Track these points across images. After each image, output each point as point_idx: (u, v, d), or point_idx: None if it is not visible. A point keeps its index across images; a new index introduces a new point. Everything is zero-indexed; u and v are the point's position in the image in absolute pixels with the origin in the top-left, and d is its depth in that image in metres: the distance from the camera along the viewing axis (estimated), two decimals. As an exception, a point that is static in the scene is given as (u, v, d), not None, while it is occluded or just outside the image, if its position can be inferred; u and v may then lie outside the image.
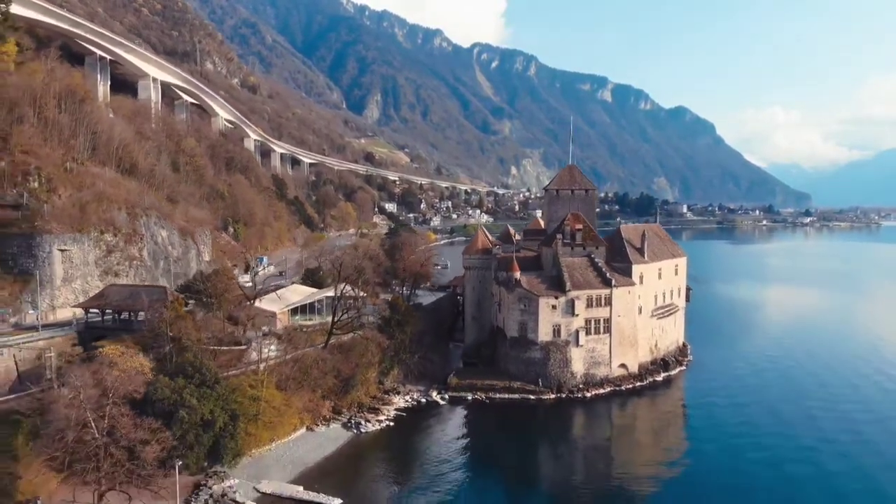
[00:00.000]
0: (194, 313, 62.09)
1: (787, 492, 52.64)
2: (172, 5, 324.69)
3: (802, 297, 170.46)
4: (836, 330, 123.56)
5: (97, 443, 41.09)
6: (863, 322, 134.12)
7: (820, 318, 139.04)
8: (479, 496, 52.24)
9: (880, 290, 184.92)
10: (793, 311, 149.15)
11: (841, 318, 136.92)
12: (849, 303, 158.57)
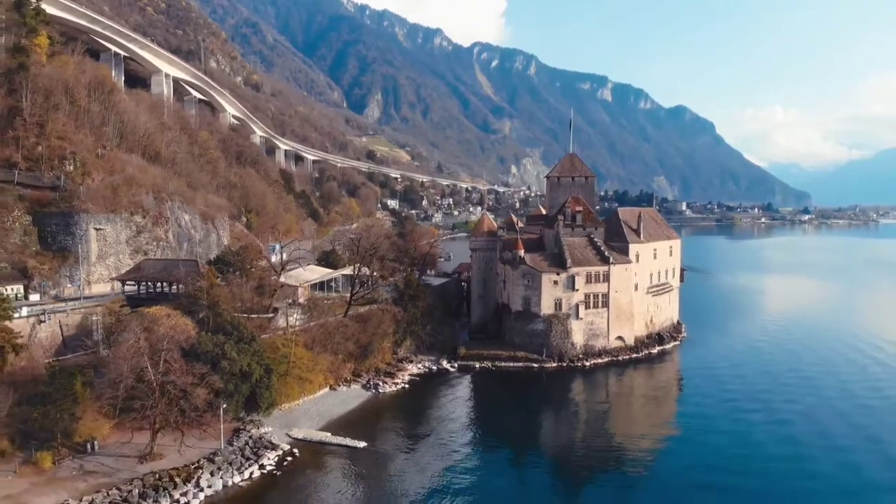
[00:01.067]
0: (229, 282, 67.47)
1: (775, 453, 54.37)
2: (177, 4, 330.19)
3: (794, 285, 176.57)
4: (824, 315, 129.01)
5: (154, 384, 46.48)
6: (850, 306, 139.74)
7: (810, 304, 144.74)
8: (485, 452, 56.04)
9: (869, 279, 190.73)
10: (784, 298, 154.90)
11: (829, 305, 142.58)
12: (838, 290, 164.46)
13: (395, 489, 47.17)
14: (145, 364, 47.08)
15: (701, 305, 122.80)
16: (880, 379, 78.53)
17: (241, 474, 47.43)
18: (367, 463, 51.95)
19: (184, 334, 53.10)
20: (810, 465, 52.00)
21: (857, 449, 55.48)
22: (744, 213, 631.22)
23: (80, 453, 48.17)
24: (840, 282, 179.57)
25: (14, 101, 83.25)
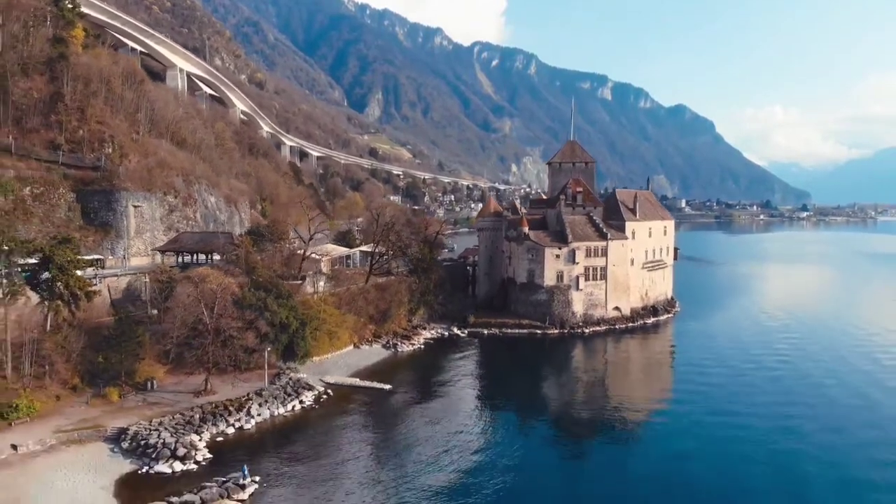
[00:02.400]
0: (261, 251, 74.27)
1: (764, 421, 55.39)
2: (181, 3, 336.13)
3: (785, 271, 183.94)
4: (811, 296, 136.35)
5: (210, 327, 53.31)
6: (835, 288, 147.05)
7: (798, 287, 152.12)
8: (492, 406, 60.81)
9: (855, 266, 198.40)
10: (775, 281, 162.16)
11: (817, 288, 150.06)
12: (826, 275, 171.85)
13: (414, 425, 53.39)
14: (201, 310, 53.89)
15: (695, 286, 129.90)
16: (857, 340, 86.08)
17: (285, 407, 54.32)
18: (391, 403, 58.80)
19: (230, 288, 59.76)
20: (796, 422, 54.68)
21: (837, 396, 61.45)
22: (742, 211, 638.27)
23: (141, 390, 54.97)
24: (828, 268, 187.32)
25: (56, 87, 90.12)
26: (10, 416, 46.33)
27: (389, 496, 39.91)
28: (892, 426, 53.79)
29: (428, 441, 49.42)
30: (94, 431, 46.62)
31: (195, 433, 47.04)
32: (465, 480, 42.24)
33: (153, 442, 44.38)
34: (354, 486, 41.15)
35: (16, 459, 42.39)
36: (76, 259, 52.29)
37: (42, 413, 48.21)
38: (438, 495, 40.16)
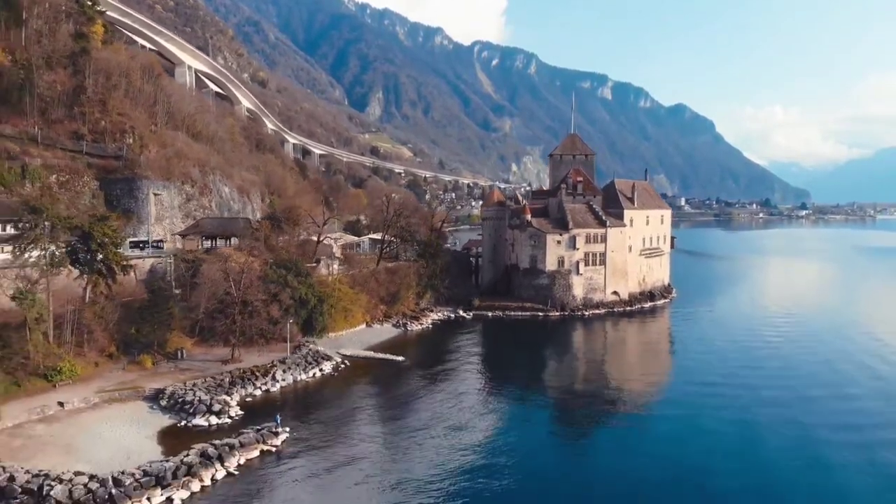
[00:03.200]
0: (280, 234, 78.32)
1: (756, 399, 56.59)
2: (184, 1, 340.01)
3: (780, 263, 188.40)
4: (803, 284, 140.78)
5: (237, 299, 57.33)
6: (828, 280, 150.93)
7: (792, 277, 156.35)
8: (496, 380, 63.80)
9: (847, 258, 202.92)
10: (769, 272, 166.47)
11: (808, 277, 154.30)
12: (818, 266, 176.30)
13: (424, 392, 57.21)
14: (229, 284, 57.91)
15: (692, 276, 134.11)
16: (843, 325, 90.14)
17: (307, 374, 58.39)
18: (403, 373, 62.83)
19: (253, 268, 63.76)
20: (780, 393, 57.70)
21: (821, 372, 65.19)
22: (742, 209, 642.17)
23: (172, 359, 58.97)
24: (820, 260, 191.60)
25: (78, 81, 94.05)
26: (55, 377, 50.32)
27: (401, 449, 43.72)
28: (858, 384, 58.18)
29: (436, 405, 53.29)
30: (133, 392, 50.66)
31: (226, 394, 51.06)
32: (467, 442, 45.07)
33: (189, 399, 48.43)
34: (371, 441, 45.04)
35: (63, 415, 46.37)
36: (113, 235, 56.20)
37: (83, 376, 52.23)
38: (442, 449, 43.86)
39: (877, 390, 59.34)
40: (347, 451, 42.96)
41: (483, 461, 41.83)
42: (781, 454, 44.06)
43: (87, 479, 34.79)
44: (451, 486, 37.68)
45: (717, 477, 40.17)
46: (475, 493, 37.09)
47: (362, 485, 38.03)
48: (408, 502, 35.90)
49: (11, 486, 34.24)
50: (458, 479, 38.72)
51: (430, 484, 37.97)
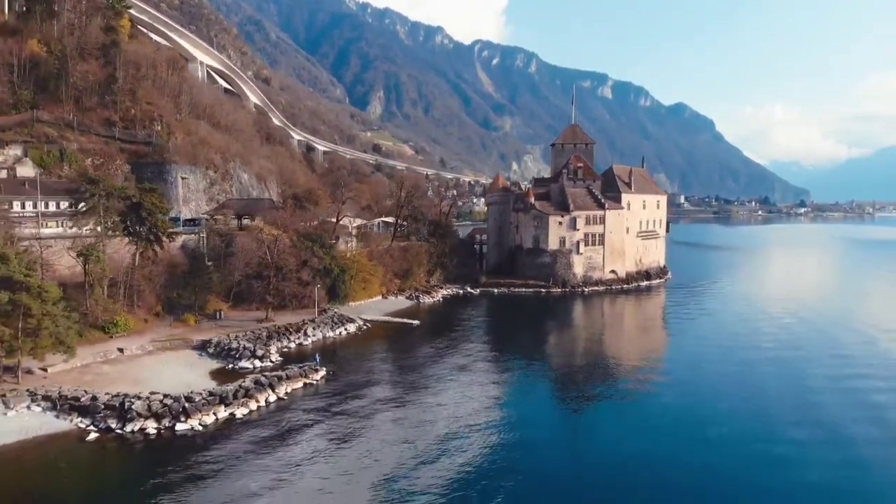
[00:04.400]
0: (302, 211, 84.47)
1: (748, 375, 56.37)
2: (189, 0, 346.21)
3: (773, 252, 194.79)
4: (792, 271, 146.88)
5: (271, 264, 63.46)
6: (815, 261, 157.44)
7: (782, 263, 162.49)
8: (500, 351, 67.02)
9: (836, 248, 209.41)
10: (761, 259, 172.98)
11: (798, 265, 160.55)
12: (808, 255, 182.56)
13: (437, 349, 63.05)
14: (264, 251, 64.07)
15: (688, 262, 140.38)
16: (819, 303, 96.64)
17: (334, 332, 64.64)
18: (418, 334, 69.03)
19: (282, 239, 69.93)
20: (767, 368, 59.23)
21: (807, 346, 69.26)
22: (741, 207, 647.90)
23: (212, 319, 65.09)
24: (812, 249, 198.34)
25: (109, 71, 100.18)
26: (111, 330, 56.44)
27: (416, 390, 49.45)
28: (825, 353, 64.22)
29: (447, 359, 59.17)
30: (182, 342, 56.84)
31: (265, 345, 57.18)
32: (474, 392, 49.32)
33: (234, 347, 54.60)
34: (391, 384, 50.93)
35: (124, 359, 52.50)
36: (160, 205, 62.27)
37: (135, 330, 58.35)
38: (454, 397, 49.29)
39: (862, 344, 66.31)
40: (372, 389, 49.02)
41: (485, 405, 47.08)
42: (771, 416, 44.56)
43: (161, 396, 41.01)
44: (459, 425, 41.49)
45: (707, 442, 39.84)
46: (478, 427, 41.61)
47: (384, 413, 43.79)
48: (418, 433, 40.29)
49: (95, 405, 40.33)
50: (466, 420, 42.54)
51: (438, 422, 42.28)
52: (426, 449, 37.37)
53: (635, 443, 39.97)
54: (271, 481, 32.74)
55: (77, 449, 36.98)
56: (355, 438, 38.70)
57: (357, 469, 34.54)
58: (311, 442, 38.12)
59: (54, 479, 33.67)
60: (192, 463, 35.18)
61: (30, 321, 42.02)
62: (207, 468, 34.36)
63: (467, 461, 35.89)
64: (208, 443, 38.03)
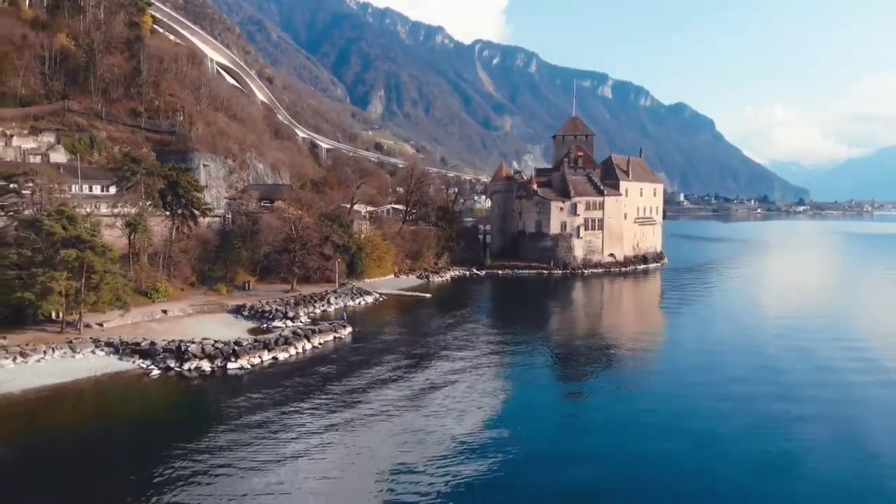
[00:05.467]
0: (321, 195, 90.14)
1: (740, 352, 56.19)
2: (193, 0, 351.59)
3: (767, 243, 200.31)
4: (783, 259, 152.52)
5: (296, 238, 69.01)
6: (804, 249, 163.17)
7: (774, 252, 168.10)
8: (504, 326, 69.80)
9: (827, 240, 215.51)
10: (755, 248, 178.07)
11: (790, 254, 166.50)
12: (802, 246, 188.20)
13: (447, 319, 68.15)
14: (289, 227, 69.61)
15: (684, 251, 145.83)
16: (799, 286, 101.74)
17: (354, 301, 70.26)
18: (429, 306, 74.44)
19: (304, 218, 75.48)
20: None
21: (796, 328, 74.22)
22: (740, 205, 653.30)
23: (241, 290, 70.61)
24: (807, 240, 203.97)
25: (134, 64, 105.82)
26: (153, 295, 61.92)
27: (427, 347, 54.74)
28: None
29: (455, 326, 64.33)
30: (218, 306, 62.38)
31: (293, 309, 62.70)
32: (478, 358, 54.09)
33: (267, 310, 60.17)
34: (407, 343, 56.24)
35: (168, 319, 57.97)
36: (195, 184, 67.78)
37: (174, 297, 63.85)
38: (459, 358, 55.05)
39: (843, 321, 71.23)
40: (390, 345, 54.59)
41: (490, 367, 52.40)
42: (760, 390, 44.37)
43: (213, 341, 46.56)
44: (463, 386, 45.12)
45: (697, 413, 39.54)
46: (483, 391, 43.91)
47: (400, 364, 48.87)
48: (427, 383, 44.59)
49: (154, 349, 45.84)
50: (471, 379, 46.91)
51: (445, 375, 46.70)
52: (431, 398, 40.88)
53: (628, 411, 39.68)
54: (306, 414, 37.39)
55: (142, 383, 42.46)
56: (375, 385, 43.24)
57: (376, 409, 38.48)
58: (339, 384, 43.21)
59: (127, 404, 39.27)
60: (242, 396, 40.61)
61: (93, 277, 47.49)
62: (255, 400, 39.66)
63: (467, 415, 38.03)
64: (255, 380, 43.54)
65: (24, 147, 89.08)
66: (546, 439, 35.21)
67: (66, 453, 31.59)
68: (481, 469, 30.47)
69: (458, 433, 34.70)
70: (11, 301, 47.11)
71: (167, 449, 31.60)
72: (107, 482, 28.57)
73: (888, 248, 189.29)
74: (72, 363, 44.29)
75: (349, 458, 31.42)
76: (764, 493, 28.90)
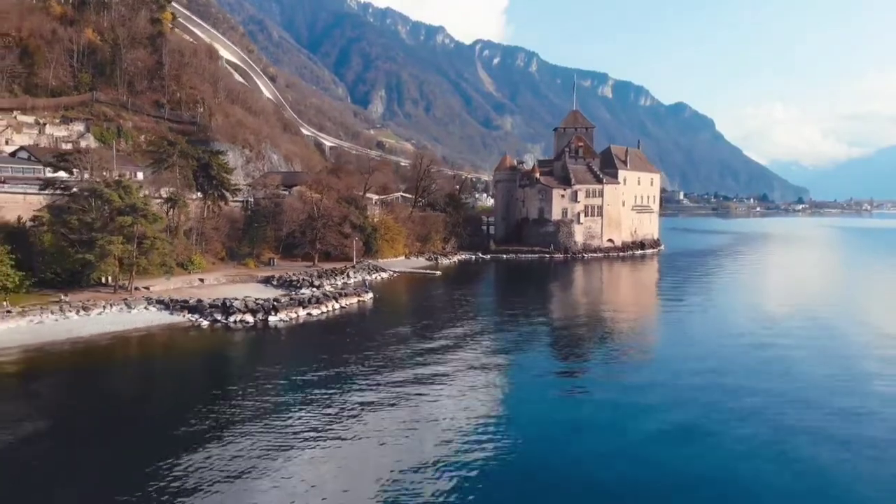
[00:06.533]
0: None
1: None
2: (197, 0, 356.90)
3: (764, 236, 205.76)
4: (775, 250, 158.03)
5: (318, 216, 74.56)
6: (801, 244, 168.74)
7: (767, 242, 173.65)
8: (509, 293, 79.13)
9: (819, 232, 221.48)
10: (749, 238, 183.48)
11: (784, 243, 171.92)
12: (798, 238, 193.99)
13: (454, 292, 73.87)
14: (312, 207, 75.15)
15: (681, 240, 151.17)
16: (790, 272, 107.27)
17: (370, 277, 75.79)
18: (439, 282, 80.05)
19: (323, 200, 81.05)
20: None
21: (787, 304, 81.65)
22: (739, 203, 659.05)
23: (266, 265, 76.13)
24: (802, 233, 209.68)
25: (157, 58, 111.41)
26: (189, 267, 67.41)
27: (436, 313, 60.44)
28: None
29: (463, 299, 70.22)
30: (249, 277, 67.95)
31: (318, 279, 68.28)
32: (481, 327, 61.23)
33: (294, 279, 65.71)
34: (419, 308, 62.22)
35: (206, 286, 63.38)
36: (225, 166, 73.29)
37: (207, 269, 69.33)
38: (464, 324, 60.76)
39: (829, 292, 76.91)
40: (405, 310, 60.80)
41: (493, 338, 58.33)
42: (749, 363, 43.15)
43: (254, 298, 52.14)
44: (474, 342, 51.79)
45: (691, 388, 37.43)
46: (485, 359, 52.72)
47: (416, 323, 54.51)
48: (438, 340, 51.28)
49: (201, 305, 51.43)
50: (480, 339, 53.49)
51: (455, 333, 53.48)
52: (443, 352, 44.33)
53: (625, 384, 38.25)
54: (335, 360, 41.67)
55: (193, 333, 48.01)
56: (392, 339, 48.07)
57: (394, 360, 43.53)
58: (362, 337, 48.52)
59: (180, 347, 44.84)
60: (283, 343, 46.27)
61: (145, 242, 53.02)
62: (292, 347, 45.33)
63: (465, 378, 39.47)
64: (292, 331, 49.17)
65: (56, 135, 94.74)
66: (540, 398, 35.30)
67: (128, 384, 37.13)
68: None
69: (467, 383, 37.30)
70: (71, 264, 52.60)
71: (217, 382, 37.24)
72: (162, 411, 32.47)
73: (880, 239, 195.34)
74: (128, 316, 49.84)
75: (372, 398, 33.91)
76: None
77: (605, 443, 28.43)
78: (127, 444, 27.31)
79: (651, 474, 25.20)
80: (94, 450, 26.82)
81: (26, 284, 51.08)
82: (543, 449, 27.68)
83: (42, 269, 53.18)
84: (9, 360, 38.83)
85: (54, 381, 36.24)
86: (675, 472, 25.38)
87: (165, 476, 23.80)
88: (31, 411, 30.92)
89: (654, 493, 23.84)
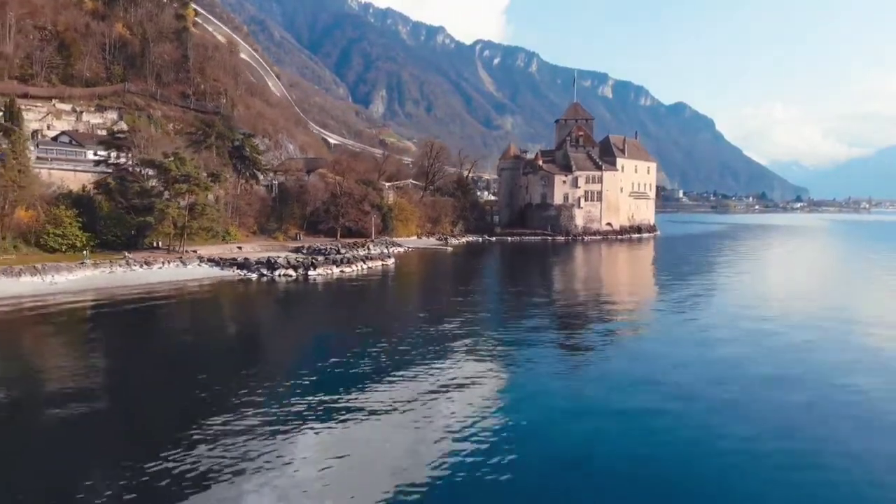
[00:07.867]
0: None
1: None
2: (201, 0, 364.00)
3: (760, 228, 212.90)
4: (771, 244, 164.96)
5: (341, 193, 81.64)
6: (791, 237, 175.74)
7: (761, 236, 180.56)
8: (510, 284, 79.16)
9: (815, 227, 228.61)
10: (743, 229, 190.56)
11: (777, 234, 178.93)
12: (794, 229, 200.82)
13: (463, 265, 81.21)
14: (335, 186, 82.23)
15: (678, 228, 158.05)
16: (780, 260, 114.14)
17: (388, 250, 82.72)
18: (450, 255, 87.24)
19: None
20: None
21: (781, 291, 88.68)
22: (738, 201, 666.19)
23: (293, 240, 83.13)
24: (799, 225, 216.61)
25: (182, 52, 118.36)
26: (227, 237, 74.46)
27: (453, 276, 67.69)
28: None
29: (471, 270, 77.47)
30: (281, 247, 75.00)
31: (343, 249, 75.43)
32: (485, 298, 68.23)
33: (323, 249, 72.75)
34: (434, 273, 69.20)
35: (244, 253, 70.22)
36: (257, 147, 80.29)
37: (242, 240, 76.36)
38: (471, 295, 67.77)
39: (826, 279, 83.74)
40: (421, 273, 67.65)
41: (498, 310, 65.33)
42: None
43: (295, 256, 59.19)
44: (483, 305, 59.88)
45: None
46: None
47: (432, 283, 61.94)
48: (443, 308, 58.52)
49: (248, 262, 58.46)
50: (489, 304, 60.65)
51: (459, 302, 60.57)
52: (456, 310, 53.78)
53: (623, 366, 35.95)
54: (363, 310, 48.42)
55: (243, 284, 55.00)
56: (411, 299, 56.01)
57: (409, 308, 51.41)
58: (386, 292, 55.98)
59: (234, 294, 51.81)
60: (321, 294, 53.28)
61: (197, 207, 60.01)
62: (330, 297, 52.36)
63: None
64: (329, 285, 56.19)
65: (91, 122, 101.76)
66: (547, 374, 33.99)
67: (188, 322, 43.24)
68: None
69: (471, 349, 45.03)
70: (129, 227, 59.59)
71: (266, 326, 44.11)
72: (217, 346, 36.64)
73: (870, 228, 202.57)
74: (185, 270, 56.85)
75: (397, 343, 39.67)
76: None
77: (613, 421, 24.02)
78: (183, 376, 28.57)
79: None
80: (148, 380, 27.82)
81: (91, 245, 58.10)
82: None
83: (104, 232, 60.18)
84: (92, 298, 45.89)
85: (124, 312, 42.80)
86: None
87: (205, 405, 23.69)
88: (109, 338, 36.37)
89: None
